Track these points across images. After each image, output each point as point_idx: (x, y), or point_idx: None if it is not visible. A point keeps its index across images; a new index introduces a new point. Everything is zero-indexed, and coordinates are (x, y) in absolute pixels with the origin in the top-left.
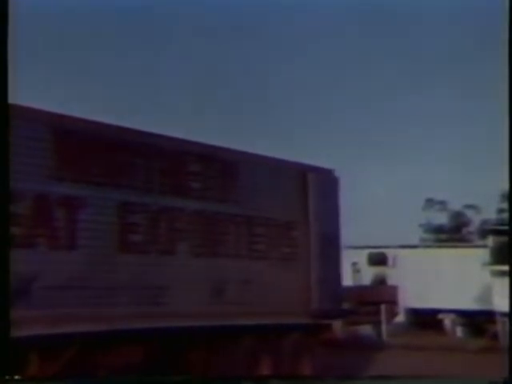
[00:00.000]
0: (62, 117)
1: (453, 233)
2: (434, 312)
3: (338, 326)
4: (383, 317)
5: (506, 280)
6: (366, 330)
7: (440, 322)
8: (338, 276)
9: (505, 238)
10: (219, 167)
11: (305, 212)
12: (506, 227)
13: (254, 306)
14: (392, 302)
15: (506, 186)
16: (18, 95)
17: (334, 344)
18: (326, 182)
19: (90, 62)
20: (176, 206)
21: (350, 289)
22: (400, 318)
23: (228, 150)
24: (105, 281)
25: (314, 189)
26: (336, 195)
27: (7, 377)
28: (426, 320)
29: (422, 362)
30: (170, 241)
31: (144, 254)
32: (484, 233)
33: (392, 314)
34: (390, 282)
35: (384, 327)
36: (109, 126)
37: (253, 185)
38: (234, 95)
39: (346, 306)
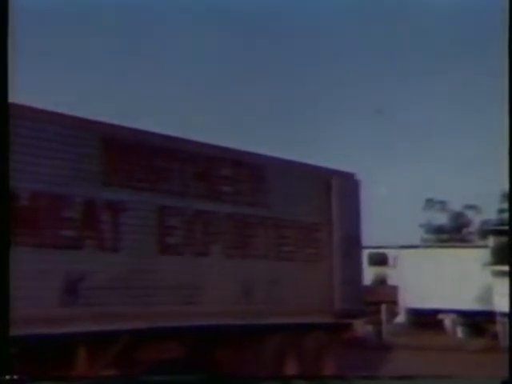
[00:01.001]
0: (108, 125)
1: (453, 233)
2: (435, 312)
3: (359, 325)
4: (383, 317)
5: (507, 280)
6: (367, 329)
7: (440, 322)
8: (359, 276)
9: (505, 239)
10: (249, 172)
11: (328, 214)
12: (507, 227)
13: (281, 306)
14: (392, 302)
15: (506, 186)
16: (17, 95)
17: (355, 343)
18: (349, 185)
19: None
20: (209, 209)
21: None
22: (400, 318)
23: (257, 155)
24: (145, 281)
25: (337, 192)
26: (357, 198)
27: (7, 376)
28: (426, 320)
29: (422, 362)
30: (204, 243)
31: (180, 255)
32: (484, 233)
33: (392, 313)
34: (391, 282)
35: (384, 327)
36: (150, 134)
37: (280, 188)
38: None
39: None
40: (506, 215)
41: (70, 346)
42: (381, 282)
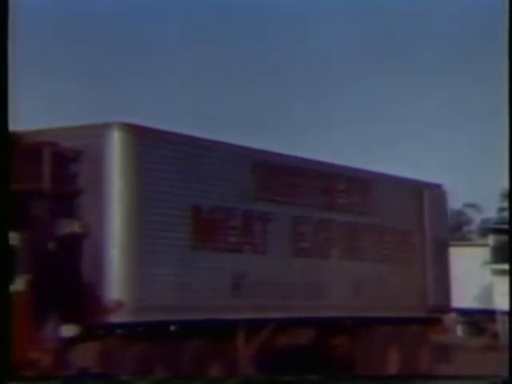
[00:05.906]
0: (257, 151)
1: (453, 231)
2: None
3: (449, 319)
4: None
5: (507, 278)
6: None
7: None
8: (447, 275)
9: (505, 237)
10: (360, 185)
11: (421, 221)
12: (507, 226)
13: (384, 302)
14: None
15: (506, 185)
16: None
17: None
18: (437, 196)
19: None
20: (329, 218)
21: None
22: None
23: (365, 171)
24: (284, 279)
25: (428, 201)
26: (445, 206)
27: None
28: None
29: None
30: (325, 247)
31: (308, 257)
32: (484, 231)
33: None
34: None
35: None
36: (287, 156)
37: (383, 199)
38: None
39: None
40: (506, 214)
41: (232, 330)
42: None
